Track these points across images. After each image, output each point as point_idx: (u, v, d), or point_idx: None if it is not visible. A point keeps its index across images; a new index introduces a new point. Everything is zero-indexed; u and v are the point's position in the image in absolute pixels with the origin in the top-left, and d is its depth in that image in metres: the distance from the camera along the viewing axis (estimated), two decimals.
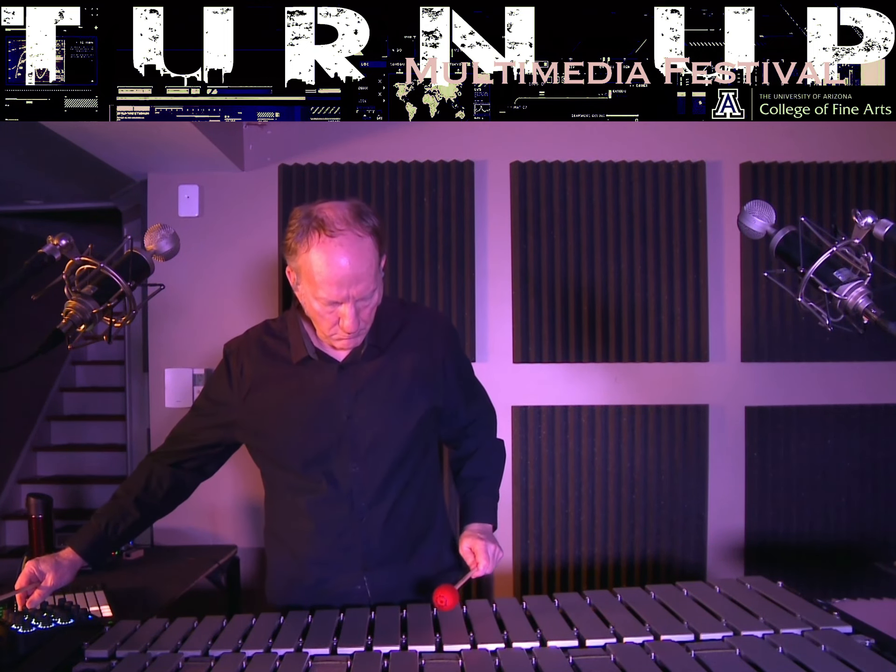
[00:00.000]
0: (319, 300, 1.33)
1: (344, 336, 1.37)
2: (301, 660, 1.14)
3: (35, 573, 1.38)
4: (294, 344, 1.47)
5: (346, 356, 1.46)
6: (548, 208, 2.82)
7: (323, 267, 1.29)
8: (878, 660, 1.04)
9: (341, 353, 1.46)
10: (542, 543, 2.80)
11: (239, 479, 2.78)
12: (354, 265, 1.29)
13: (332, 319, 1.35)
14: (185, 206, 2.86)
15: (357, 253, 1.29)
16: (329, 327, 1.37)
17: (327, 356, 1.46)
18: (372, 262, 1.32)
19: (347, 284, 1.30)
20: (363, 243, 1.30)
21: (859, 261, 1.16)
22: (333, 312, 1.34)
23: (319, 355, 1.46)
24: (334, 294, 1.31)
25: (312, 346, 1.46)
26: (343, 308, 1.32)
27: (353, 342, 1.41)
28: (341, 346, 1.41)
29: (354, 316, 1.33)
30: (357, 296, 1.32)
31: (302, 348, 1.46)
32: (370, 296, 1.35)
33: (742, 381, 2.83)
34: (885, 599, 2.83)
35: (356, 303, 1.33)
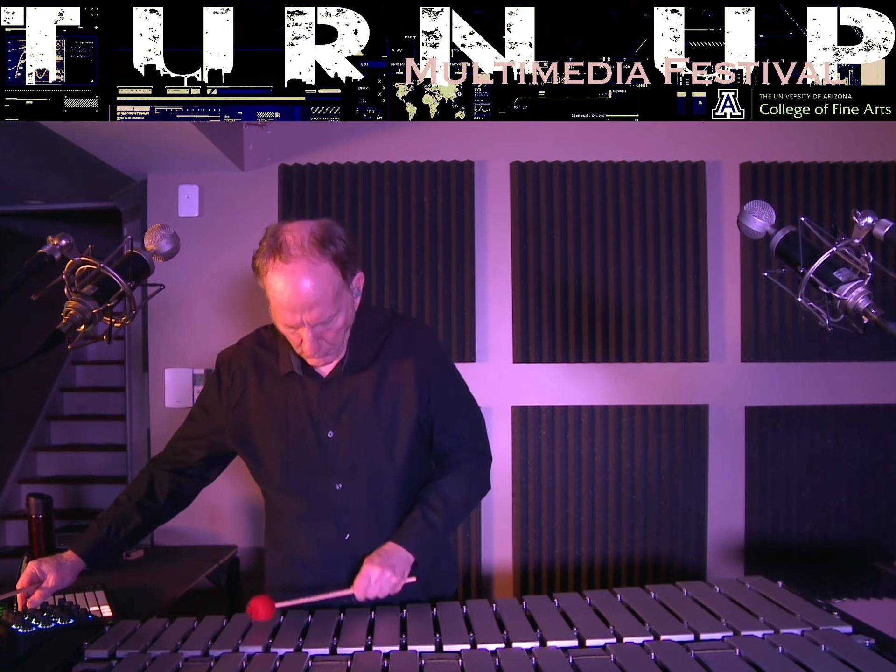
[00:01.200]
0: (279, 323, 1.36)
1: (307, 357, 1.39)
2: (301, 660, 1.14)
3: (37, 573, 1.39)
4: (282, 357, 1.48)
5: (329, 372, 1.46)
6: (548, 208, 2.82)
7: (277, 292, 1.31)
8: (878, 660, 1.04)
9: (325, 369, 1.46)
10: (542, 543, 2.80)
11: (239, 479, 2.78)
12: (307, 292, 1.29)
13: (295, 340, 1.38)
14: (185, 206, 2.86)
15: (310, 279, 1.29)
16: (296, 346, 1.39)
17: (312, 371, 1.47)
18: (328, 289, 1.31)
19: (300, 310, 1.30)
20: (318, 269, 1.29)
21: (859, 261, 1.16)
22: (295, 334, 1.36)
23: (304, 370, 1.46)
24: (288, 319, 1.33)
25: (298, 361, 1.46)
26: (301, 331, 1.34)
27: (323, 360, 1.42)
28: (312, 363, 1.43)
29: (312, 340, 1.34)
30: (312, 321, 1.32)
31: (288, 362, 1.47)
32: (330, 320, 1.34)
33: (742, 381, 2.83)
34: (885, 599, 2.83)
35: (313, 327, 1.33)
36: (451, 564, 1.62)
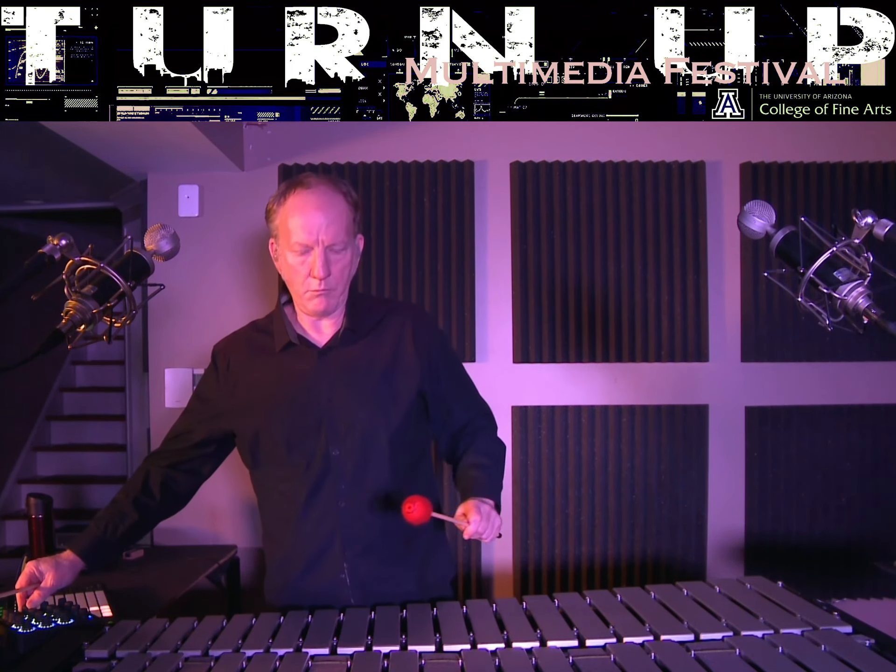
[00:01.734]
0: (292, 249, 1.41)
1: (316, 287, 1.42)
2: (301, 660, 1.14)
3: (35, 573, 1.38)
4: (277, 332, 1.52)
5: (326, 342, 1.49)
6: (548, 208, 2.82)
7: (296, 212, 1.40)
8: (878, 660, 1.04)
9: (322, 339, 1.50)
10: (542, 543, 2.80)
11: (239, 479, 2.78)
12: (325, 210, 1.40)
13: (304, 271, 1.42)
14: (185, 206, 2.86)
15: (328, 202, 1.41)
16: (302, 281, 1.43)
17: (309, 342, 1.50)
18: (342, 215, 1.42)
19: (318, 228, 1.39)
20: (335, 197, 1.43)
21: (859, 261, 1.16)
22: (305, 263, 1.41)
23: (301, 341, 1.50)
24: (304, 238, 1.39)
25: (294, 331, 1.50)
26: (313, 254, 1.39)
27: (327, 301, 1.44)
28: (314, 305, 1.45)
29: (324, 262, 1.40)
30: (327, 241, 1.39)
31: (284, 335, 1.50)
32: (341, 249, 1.42)
33: (742, 381, 2.83)
34: (885, 599, 2.83)
35: (326, 250, 1.39)
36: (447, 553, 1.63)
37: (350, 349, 1.49)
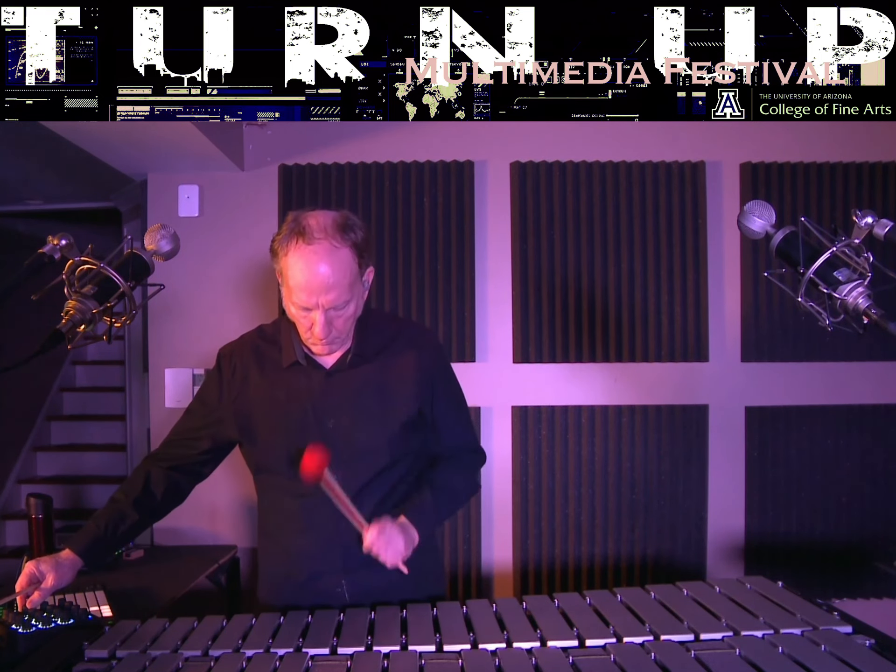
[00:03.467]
0: (294, 304, 1.38)
1: (316, 342, 1.40)
2: (301, 660, 1.14)
3: (35, 573, 1.38)
4: (285, 348, 1.50)
5: (333, 363, 1.48)
6: (548, 208, 2.82)
7: (297, 272, 1.34)
8: (878, 660, 1.04)
9: (329, 360, 1.49)
10: (542, 543, 2.80)
11: (239, 479, 2.78)
12: (326, 274, 1.33)
13: (305, 324, 1.39)
14: (185, 206, 2.85)
15: (330, 262, 1.33)
16: (304, 331, 1.41)
17: (316, 362, 1.49)
18: (346, 274, 1.35)
19: (318, 292, 1.33)
20: (339, 254, 1.34)
21: (859, 261, 1.16)
22: (307, 318, 1.38)
23: (308, 361, 1.49)
24: (304, 300, 1.35)
25: (302, 351, 1.49)
26: (314, 314, 1.36)
27: (329, 349, 1.44)
28: (317, 350, 1.45)
29: (324, 324, 1.36)
30: (327, 304, 1.35)
31: (292, 353, 1.49)
32: (343, 306, 1.37)
33: (742, 381, 2.83)
34: (885, 599, 2.83)
35: (327, 311, 1.36)
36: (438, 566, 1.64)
37: (356, 372, 1.48)
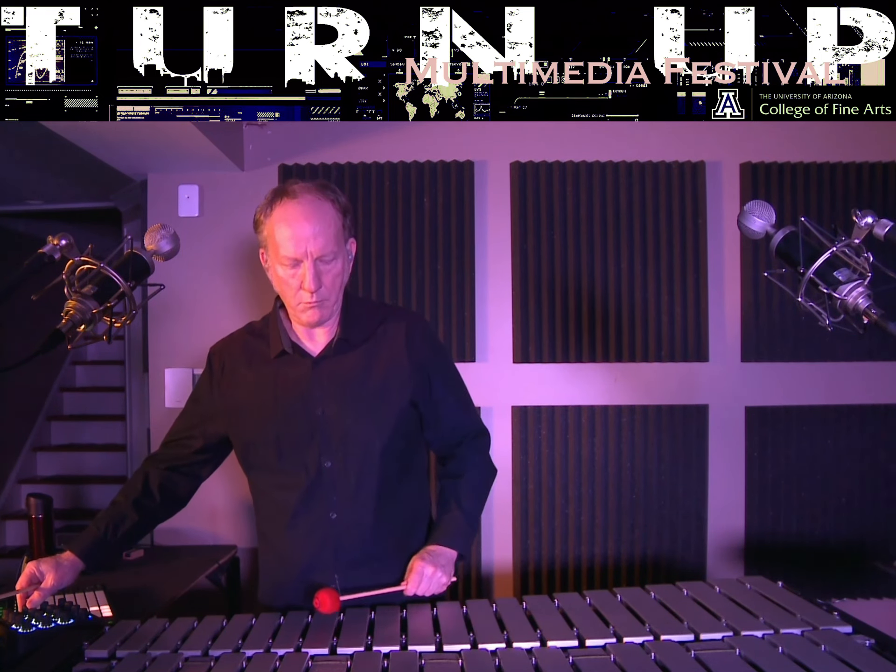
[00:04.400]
0: (282, 263, 1.39)
1: (308, 300, 1.40)
2: (301, 660, 1.14)
3: (35, 574, 1.38)
4: (272, 339, 1.51)
5: (320, 351, 1.48)
6: (548, 208, 2.82)
7: (283, 227, 1.37)
8: (878, 660, 1.04)
9: (316, 348, 1.49)
10: (542, 543, 2.80)
11: (239, 479, 2.76)
12: (312, 221, 1.37)
13: (295, 285, 1.40)
14: (185, 206, 2.85)
15: (315, 212, 1.38)
16: (294, 294, 1.41)
17: (303, 350, 1.49)
18: (330, 224, 1.39)
19: (305, 240, 1.36)
20: (323, 205, 1.39)
21: (859, 261, 1.16)
22: (295, 276, 1.39)
23: (295, 349, 1.49)
24: (292, 251, 1.37)
25: (289, 339, 1.49)
26: (303, 268, 1.38)
27: (320, 312, 1.43)
28: (307, 317, 1.43)
29: (315, 275, 1.38)
30: (316, 253, 1.37)
31: (279, 343, 1.49)
32: (330, 259, 1.39)
33: (742, 381, 2.83)
34: (885, 599, 2.83)
35: (315, 262, 1.37)
36: None
37: (344, 359, 1.48)
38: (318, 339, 1.50)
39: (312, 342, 1.50)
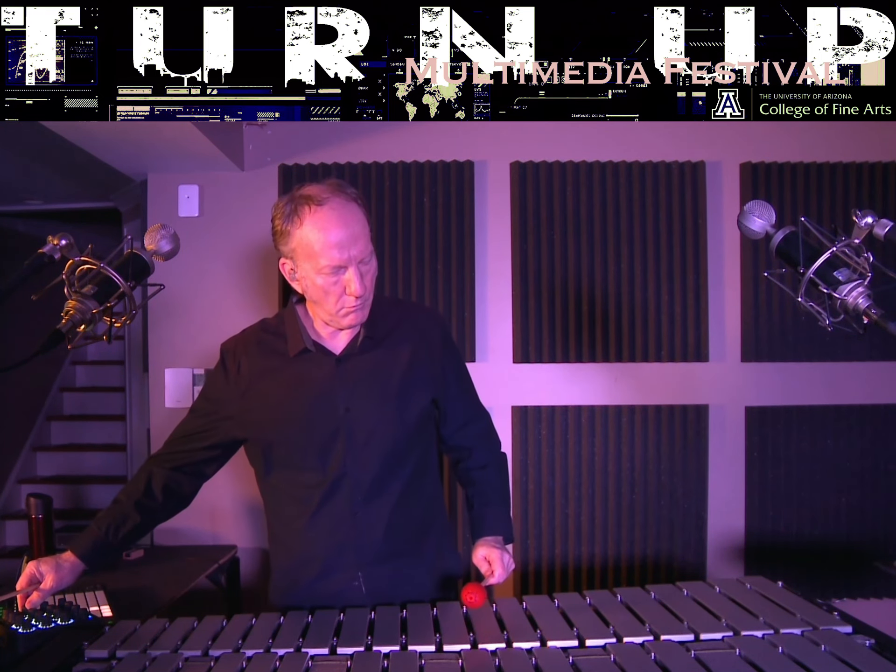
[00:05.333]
0: (323, 272, 1.35)
1: (353, 304, 1.38)
2: (301, 660, 1.14)
3: (36, 574, 1.38)
4: (292, 337, 1.48)
5: (343, 349, 1.47)
6: (548, 208, 2.82)
7: (320, 234, 1.33)
8: (878, 660, 1.04)
9: (339, 346, 1.47)
10: (542, 543, 2.80)
11: (239, 479, 2.78)
12: (350, 225, 1.34)
13: (338, 291, 1.37)
14: (185, 206, 2.86)
15: (350, 215, 1.35)
16: (336, 301, 1.38)
17: (325, 349, 1.47)
18: (364, 224, 1.38)
19: (348, 245, 1.34)
20: (352, 206, 1.37)
21: (859, 261, 1.16)
22: (338, 283, 1.36)
23: (317, 348, 1.47)
24: (336, 258, 1.33)
25: (310, 338, 1.47)
26: (348, 273, 1.35)
27: (362, 314, 1.42)
28: (349, 320, 1.41)
29: (360, 279, 1.36)
30: (358, 256, 1.35)
31: (300, 341, 1.47)
32: (370, 259, 1.39)
33: (742, 381, 2.83)
34: (885, 599, 2.83)
35: (358, 265, 1.36)
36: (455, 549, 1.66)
37: (367, 356, 1.47)
38: (341, 337, 1.48)
39: (334, 340, 1.48)
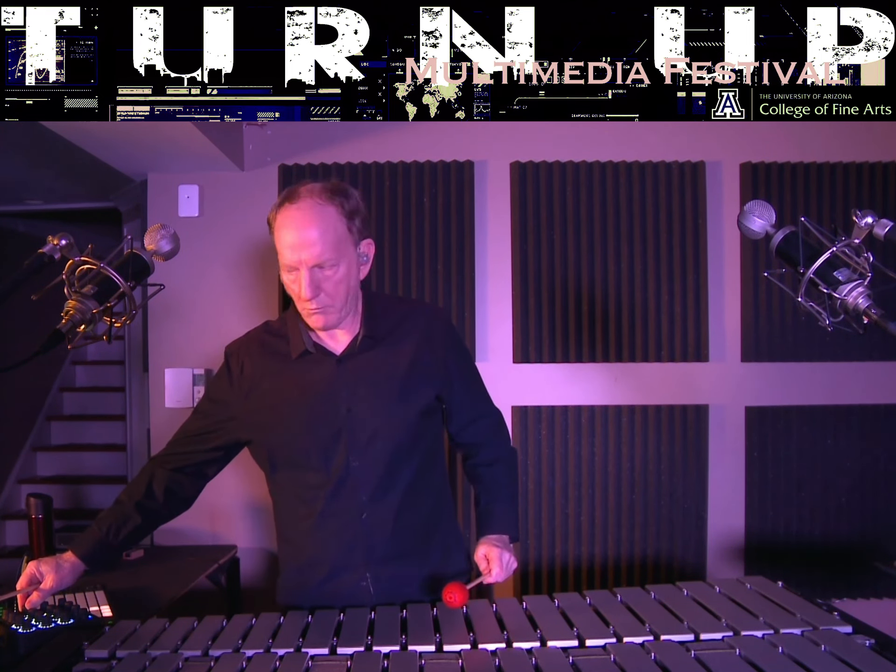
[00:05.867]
0: (283, 270, 1.38)
1: (310, 307, 1.37)
2: (301, 660, 1.14)
3: (36, 574, 1.38)
4: (293, 339, 1.48)
5: (344, 349, 1.47)
6: (548, 208, 2.82)
7: (283, 232, 1.35)
8: (878, 660, 1.04)
9: (339, 346, 1.47)
10: (542, 543, 2.80)
11: (239, 479, 2.78)
12: (308, 228, 1.33)
13: (295, 290, 1.38)
14: (185, 206, 2.86)
15: (313, 218, 1.34)
16: (297, 300, 1.40)
17: (325, 350, 1.47)
18: (328, 230, 1.35)
19: (299, 248, 1.33)
20: (322, 210, 1.35)
21: (859, 261, 1.16)
22: (295, 281, 1.37)
23: (318, 349, 1.47)
24: (288, 258, 1.35)
25: (311, 340, 1.47)
26: (301, 274, 1.35)
27: (325, 318, 1.40)
28: (313, 322, 1.41)
29: (308, 282, 1.34)
30: (310, 261, 1.33)
31: (300, 343, 1.47)
32: (329, 266, 1.35)
33: (742, 381, 2.83)
34: (885, 599, 2.83)
35: (311, 270, 1.34)
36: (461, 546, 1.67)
37: (368, 356, 1.46)
38: (340, 338, 1.48)
39: (334, 341, 1.48)
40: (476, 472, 1.61)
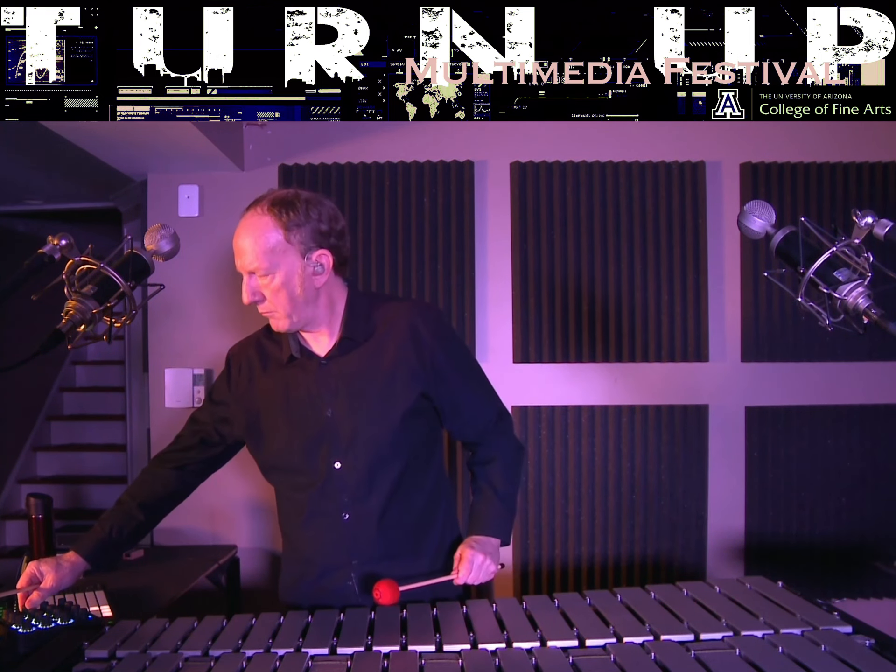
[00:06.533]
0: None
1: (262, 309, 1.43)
2: (301, 660, 1.14)
3: (36, 574, 1.39)
4: (283, 344, 1.51)
5: (327, 352, 1.48)
6: (548, 208, 2.82)
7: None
8: (878, 660, 1.04)
9: (323, 349, 1.49)
10: (542, 543, 2.80)
11: (239, 479, 2.78)
12: (244, 237, 1.38)
13: None
14: (185, 206, 2.86)
15: (247, 227, 1.39)
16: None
17: (310, 353, 1.49)
18: (260, 240, 1.37)
19: (239, 255, 1.40)
20: (259, 221, 1.38)
21: (859, 261, 1.16)
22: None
23: (303, 353, 1.49)
24: (236, 263, 1.41)
25: (297, 344, 1.49)
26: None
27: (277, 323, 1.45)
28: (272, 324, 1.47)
29: (245, 287, 1.40)
30: (246, 268, 1.39)
31: (288, 347, 1.50)
32: (264, 273, 1.39)
33: (742, 381, 2.83)
34: (885, 599, 2.83)
35: (250, 276, 1.40)
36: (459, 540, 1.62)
37: (350, 358, 1.47)
38: (323, 341, 1.49)
39: (318, 344, 1.49)
40: (472, 471, 1.61)
